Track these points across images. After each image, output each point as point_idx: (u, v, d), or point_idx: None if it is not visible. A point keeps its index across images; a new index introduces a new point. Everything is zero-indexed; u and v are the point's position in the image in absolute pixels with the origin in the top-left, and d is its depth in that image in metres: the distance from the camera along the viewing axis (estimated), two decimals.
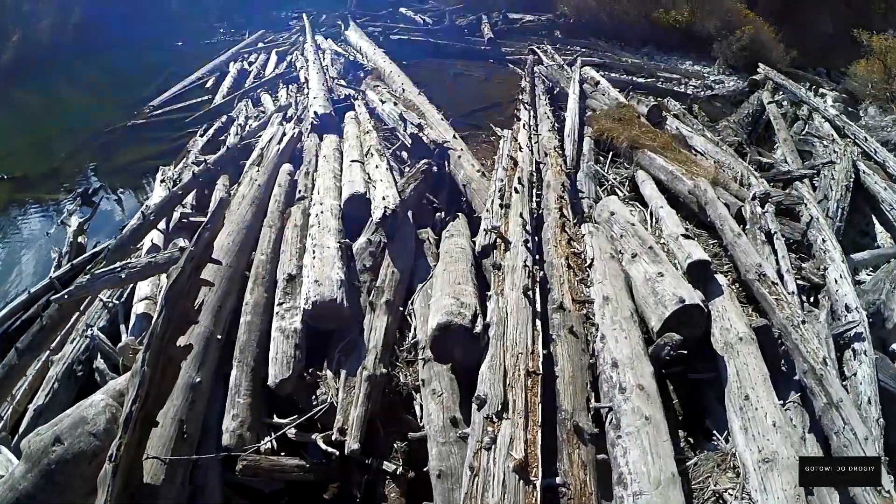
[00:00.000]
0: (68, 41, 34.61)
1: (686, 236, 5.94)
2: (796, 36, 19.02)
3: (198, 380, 4.49)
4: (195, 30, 26.47)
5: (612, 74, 15.15)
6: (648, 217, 6.99)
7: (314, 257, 5.21)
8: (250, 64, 16.99)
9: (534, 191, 6.52)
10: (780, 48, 17.72)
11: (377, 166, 6.48)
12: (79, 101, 23.06)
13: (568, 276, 4.94)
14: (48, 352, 5.89)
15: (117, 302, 6.42)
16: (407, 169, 7.94)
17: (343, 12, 20.08)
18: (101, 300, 6.32)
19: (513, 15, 20.48)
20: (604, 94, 11.95)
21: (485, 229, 5.40)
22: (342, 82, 11.75)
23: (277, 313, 5.14)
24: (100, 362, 5.53)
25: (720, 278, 5.56)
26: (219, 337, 5.01)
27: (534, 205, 6.11)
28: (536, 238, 5.56)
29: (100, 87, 23.63)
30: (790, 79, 15.19)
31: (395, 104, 8.96)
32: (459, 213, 6.67)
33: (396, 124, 8.31)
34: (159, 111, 14.72)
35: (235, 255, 5.69)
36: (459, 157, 7.63)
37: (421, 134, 7.76)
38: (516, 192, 5.94)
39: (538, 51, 16.19)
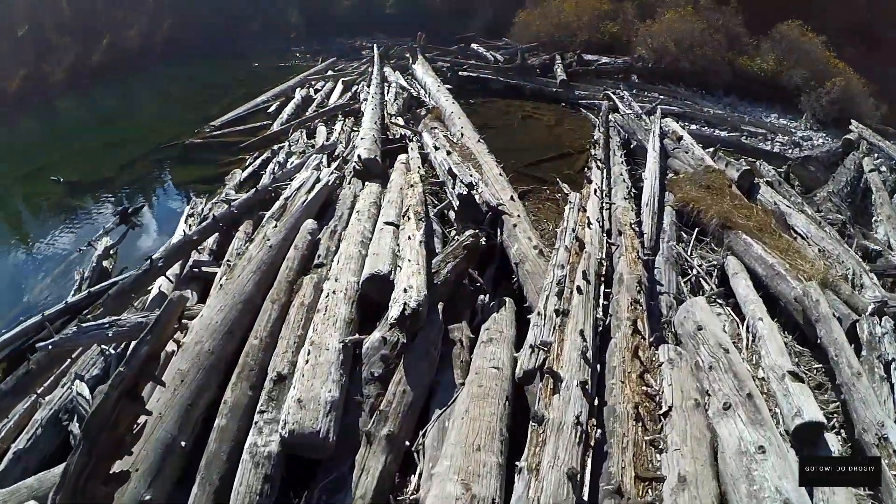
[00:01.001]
0: (155, 50, 36.28)
1: (795, 376, 4.41)
2: (883, 89, 17.01)
3: (147, 497, 3.60)
4: (273, 51, 26.77)
5: (693, 126, 13.71)
6: (744, 332, 5.46)
7: (307, 361, 4.04)
8: (316, 91, 16.38)
9: (601, 288, 5.16)
10: (870, 103, 15.79)
11: (410, 237, 5.28)
12: (151, 110, 23.47)
13: (634, 435, 3.51)
14: (38, 392, 5.23)
15: (113, 351, 5.56)
16: (452, 233, 6.78)
17: (413, 45, 19.46)
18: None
19: (588, 56, 19.02)
20: (687, 153, 10.43)
21: (531, 345, 4.08)
22: (400, 121, 10.76)
23: (256, 423, 4.02)
24: (74, 425, 4.69)
25: (831, 440, 4.07)
26: (183, 444, 3.99)
27: (599, 312, 4.73)
28: (599, 365, 4.19)
29: (173, 98, 24.06)
30: (883, 137, 13.29)
31: (449, 153, 7.78)
32: (507, 299, 5.39)
33: (446, 179, 7.17)
34: (218, 132, 14.31)
35: (223, 338, 4.62)
36: (515, 225, 6.35)
37: (473, 192, 6.56)
38: (579, 291, 4.59)
39: (614, 96, 14.74)
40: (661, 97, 15.91)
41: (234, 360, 4.63)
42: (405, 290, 4.26)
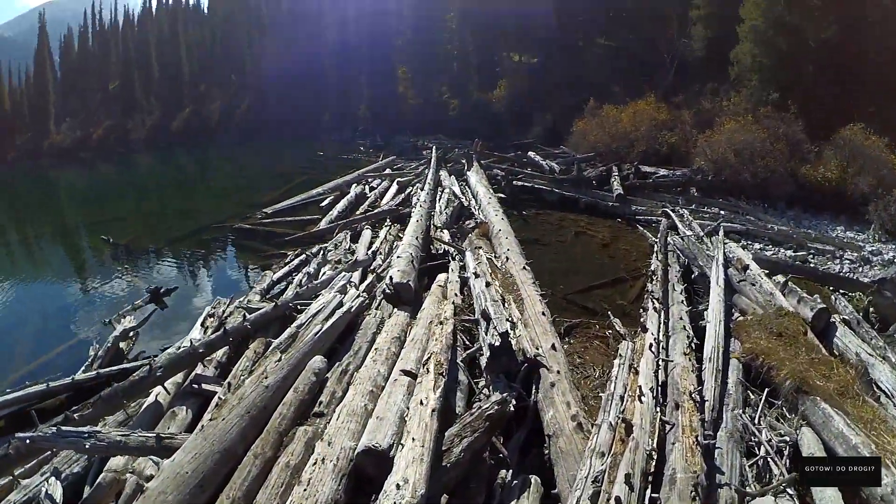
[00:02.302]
0: (232, 125, 39.02)
1: None
2: None
3: None
4: (339, 141, 27.85)
5: (757, 245, 12.82)
6: None
7: None
8: (371, 189, 16.36)
9: (647, 493, 4.16)
10: None
11: (423, 402, 4.40)
12: (216, 183, 24.51)
13: None
14: (14, 475, 5.05)
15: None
16: (481, 384, 5.94)
17: (470, 151, 19.56)
18: None
19: (645, 168, 18.48)
20: (755, 285, 9.33)
21: None
22: (445, 235, 10.27)
23: None
24: None
25: None
26: None
27: None
28: None
29: (239, 175, 25.14)
30: None
31: (488, 284, 7.07)
32: (533, 480, 4.44)
33: (480, 319, 6.42)
34: (268, 220, 14.37)
35: (191, 492, 3.89)
36: (553, 384, 5.47)
37: (509, 338, 5.78)
38: None
39: (672, 214, 13.96)
40: (723, 212, 15.02)
41: None
42: (398, 486, 3.40)
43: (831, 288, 10.48)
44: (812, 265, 12.07)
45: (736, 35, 22.03)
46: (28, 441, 4.75)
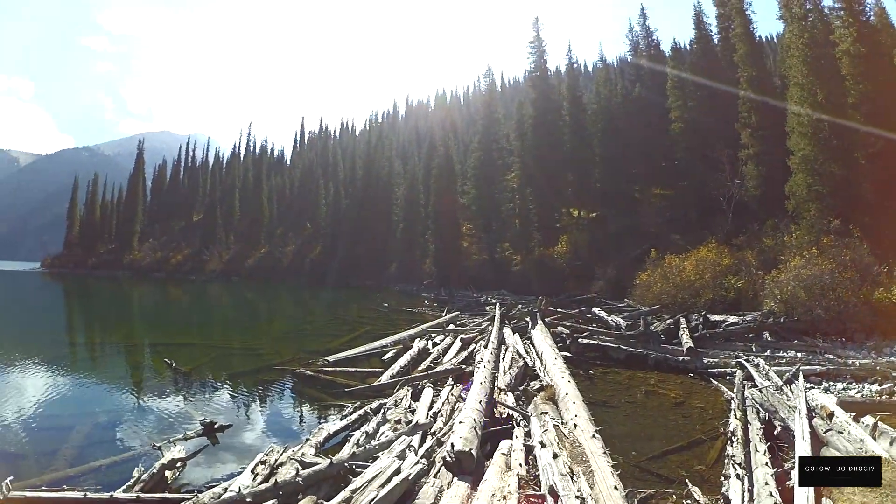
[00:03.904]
0: (303, 269, 41.50)
1: None
2: None
3: None
4: (405, 293, 28.66)
5: (839, 385, 11.87)
6: None
7: None
8: (434, 345, 16.28)
9: None
10: None
11: None
12: (281, 324, 25.23)
13: None
14: None
15: None
16: None
17: (533, 308, 19.67)
18: None
19: (714, 317, 17.75)
20: (842, 433, 8.40)
21: None
22: (509, 398, 9.90)
23: None
24: None
25: None
26: None
27: None
28: None
29: (305, 318, 25.84)
30: None
31: (556, 456, 6.69)
32: None
33: (548, 493, 6.00)
34: (330, 368, 14.47)
35: None
36: None
37: None
38: None
39: (747, 364, 13.15)
40: (799, 355, 14.09)
41: None
42: None
43: None
44: None
45: (788, 168, 22.10)
46: None
